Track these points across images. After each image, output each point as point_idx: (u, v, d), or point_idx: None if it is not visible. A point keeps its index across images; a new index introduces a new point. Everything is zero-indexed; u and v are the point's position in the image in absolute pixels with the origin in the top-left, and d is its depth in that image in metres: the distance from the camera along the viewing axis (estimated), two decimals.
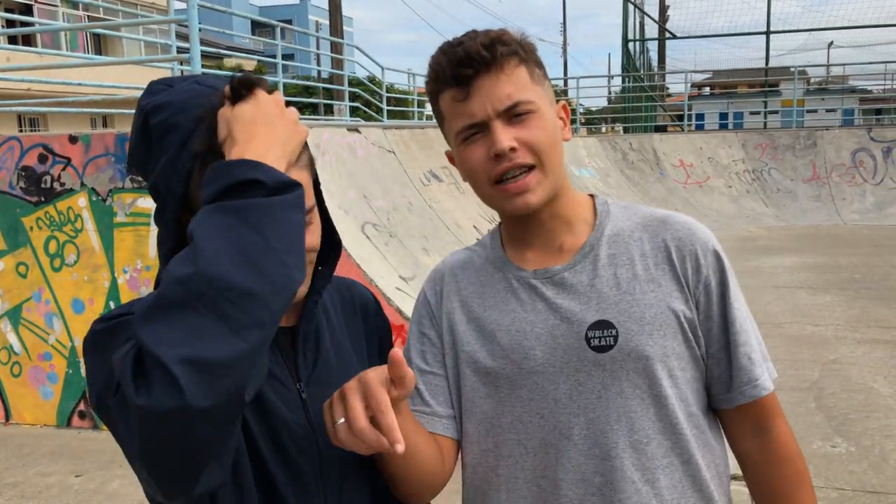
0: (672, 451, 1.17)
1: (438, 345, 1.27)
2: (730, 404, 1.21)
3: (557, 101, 1.25)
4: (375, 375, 1.01)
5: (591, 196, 1.30)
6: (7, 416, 5.20)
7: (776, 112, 22.79)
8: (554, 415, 1.17)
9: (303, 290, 1.13)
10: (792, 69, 18.23)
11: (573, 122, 21.13)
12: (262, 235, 0.85)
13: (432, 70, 1.19)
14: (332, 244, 1.22)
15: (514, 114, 1.15)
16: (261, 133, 0.96)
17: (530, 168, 1.16)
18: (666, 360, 1.16)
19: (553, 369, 1.17)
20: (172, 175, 1.03)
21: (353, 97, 13.82)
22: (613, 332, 1.15)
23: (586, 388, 1.16)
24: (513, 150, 1.14)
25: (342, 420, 1.00)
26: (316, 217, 1.14)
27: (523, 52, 1.17)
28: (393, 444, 0.96)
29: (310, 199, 1.11)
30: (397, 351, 1.00)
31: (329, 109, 15.44)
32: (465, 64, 1.14)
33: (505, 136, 1.13)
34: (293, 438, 1.10)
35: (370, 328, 1.32)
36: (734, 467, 1.27)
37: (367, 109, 14.06)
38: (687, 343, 1.18)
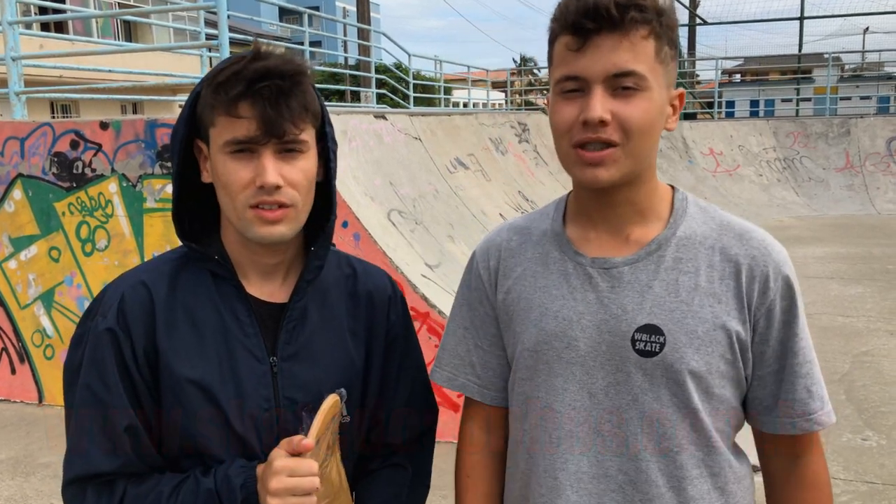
0: (703, 462, 1.15)
1: (491, 319, 1.28)
2: (774, 430, 1.18)
3: (676, 87, 1.16)
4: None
5: (672, 187, 1.24)
6: (40, 398, 5.31)
7: (808, 99, 22.32)
8: (587, 409, 1.15)
9: (286, 232, 1.18)
10: (826, 55, 17.86)
11: None
12: None
13: (558, 9, 1.12)
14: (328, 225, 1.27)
15: (621, 85, 1.07)
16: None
17: (614, 145, 1.09)
18: (709, 376, 1.13)
19: (594, 363, 1.15)
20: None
21: (380, 84, 13.80)
22: (661, 339, 1.12)
23: (623, 389, 1.14)
24: (603, 122, 1.07)
25: None
26: (306, 158, 1.19)
27: (659, 26, 1.08)
28: None
29: (304, 135, 1.18)
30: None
31: (356, 96, 15.45)
32: (590, 16, 1.06)
33: (601, 106, 1.06)
34: (252, 408, 1.20)
35: (376, 320, 1.34)
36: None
37: (393, 96, 14.04)
38: (733, 363, 1.14)
